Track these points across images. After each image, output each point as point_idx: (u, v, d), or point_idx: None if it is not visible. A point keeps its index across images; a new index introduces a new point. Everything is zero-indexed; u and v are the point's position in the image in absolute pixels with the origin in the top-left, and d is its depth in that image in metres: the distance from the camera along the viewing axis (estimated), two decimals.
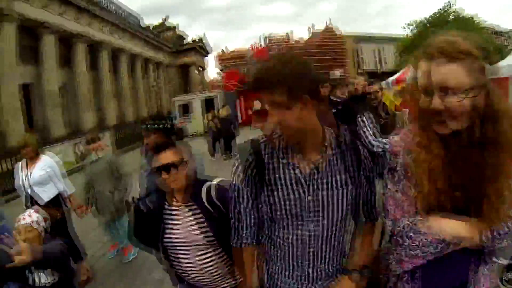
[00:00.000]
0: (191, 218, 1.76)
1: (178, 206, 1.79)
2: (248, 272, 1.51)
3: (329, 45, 40.49)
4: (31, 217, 2.23)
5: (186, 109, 22.05)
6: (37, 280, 2.08)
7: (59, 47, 18.13)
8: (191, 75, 40.34)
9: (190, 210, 1.77)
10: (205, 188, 1.77)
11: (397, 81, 11.24)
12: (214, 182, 1.81)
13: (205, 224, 1.74)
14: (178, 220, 1.77)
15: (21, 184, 3.95)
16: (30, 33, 16.63)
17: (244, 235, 1.43)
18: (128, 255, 4.75)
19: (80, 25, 20.20)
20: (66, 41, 19.42)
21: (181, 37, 38.90)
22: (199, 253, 1.76)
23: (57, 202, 4.03)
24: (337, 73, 30.91)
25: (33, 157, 3.98)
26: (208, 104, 20.18)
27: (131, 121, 24.22)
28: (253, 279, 1.51)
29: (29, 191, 3.91)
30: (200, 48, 39.80)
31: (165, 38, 35.48)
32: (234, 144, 11.52)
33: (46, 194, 3.93)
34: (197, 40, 39.64)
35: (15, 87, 14.57)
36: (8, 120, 14.12)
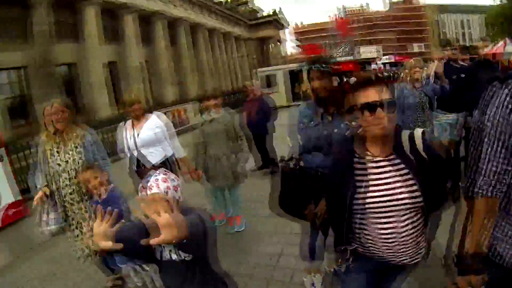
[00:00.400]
0: (394, 173, 1.46)
1: (376, 159, 1.50)
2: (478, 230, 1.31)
3: (408, 17, 37.88)
4: (163, 184, 1.60)
5: (269, 81, 21.22)
6: (165, 255, 1.64)
7: (139, 26, 18.96)
8: (270, 49, 39.71)
9: (392, 164, 1.49)
10: (407, 137, 1.51)
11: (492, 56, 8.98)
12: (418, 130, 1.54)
13: (411, 181, 1.44)
14: (376, 176, 1.49)
15: (125, 145, 3.64)
16: (111, 14, 17.60)
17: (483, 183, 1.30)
18: (234, 226, 4.37)
19: (159, 4, 20.83)
20: (146, 19, 20.18)
21: (255, 11, 38.58)
22: (404, 217, 1.47)
23: (165, 166, 3.55)
24: (416, 46, 28.66)
25: (140, 116, 3.64)
26: (293, 77, 19.43)
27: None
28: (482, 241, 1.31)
29: (135, 153, 3.59)
30: (276, 21, 39.04)
31: (239, 12, 35.15)
32: None
33: (154, 157, 3.56)
34: (272, 14, 38.93)
35: (100, 65, 15.73)
36: (95, 96, 15.48)
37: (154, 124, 3.62)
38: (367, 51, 34.59)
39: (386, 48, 46.95)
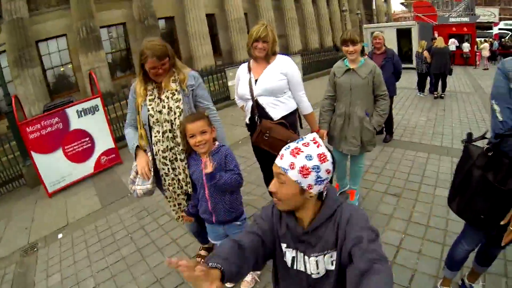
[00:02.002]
0: None
1: None
2: None
3: None
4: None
5: None
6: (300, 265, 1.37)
7: None
8: (377, 4, 36.03)
9: None
10: None
11: None
12: None
13: None
14: None
15: (242, 91, 2.95)
16: None
17: None
18: (351, 203, 3.60)
19: None
20: None
21: None
22: None
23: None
24: None
25: (263, 57, 2.85)
26: (402, 35, 17.08)
27: (316, 48, 23.18)
28: None
29: (249, 103, 2.93)
30: None
31: None
32: (447, 83, 9.55)
33: (275, 109, 2.87)
34: None
35: (200, 17, 16.03)
36: (197, 45, 15.98)
37: (279, 69, 2.82)
38: (483, 13, 29.82)
39: (503, 12, 39.65)
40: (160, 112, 2.35)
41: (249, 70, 2.91)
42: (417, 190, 3.88)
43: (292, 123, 2.91)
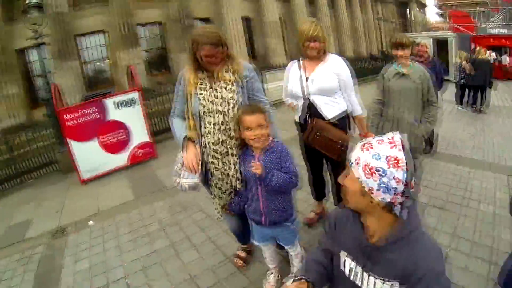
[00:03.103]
0: None
1: None
2: None
3: None
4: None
5: None
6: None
7: None
8: (412, 13, 35.21)
9: None
10: None
11: None
12: None
13: None
14: None
15: (293, 89, 2.86)
16: None
17: None
18: None
19: None
20: None
21: None
22: None
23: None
24: None
25: (316, 56, 2.76)
26: (440, 46, 16.47)
27: (350, 56, 22.75)
28: None
29: (301, 102, 2.84)
30: None
31: None
32: (488, 96, 9.13)
33: (329, 109, 2.78)
34: None
35: (237, 20, 16.17)
36: (232, 48, 15.58)
37: (332, 69, 2.75)
38: None
39: None
40: (212, 102, 2.20)
41: (301, 68, 2.83)
42: (460, 203, 3.67)
43: (344, 123, 2.85)
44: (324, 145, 2.68)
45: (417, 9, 36.76)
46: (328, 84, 2.71)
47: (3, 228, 4.75)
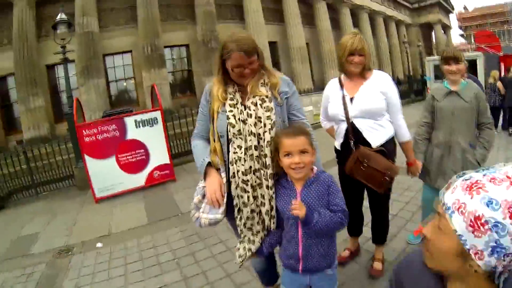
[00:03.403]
0: None
1: None
2: None
3: None
4: None
5: (438, 71, 17.79)
6: None
7: (300, 7, 18.65)
8: (436, 35, 34.79)
9: None
10: None
11: None
12: None
13: None
14: None
15: (337, 112, 2.48)
16: None
17: None
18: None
19: None
20: (307, 1, 19.88)
21: None
22: None
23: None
24: None
25: (359, 73, 2.42)
26: (470, 66, 16.06)
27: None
28: None
29: (343, 125, 2.48)
30: (440, 4, 33.08)
31: None
32: None
33: (374, 134, 2.41)
34: None
35: (265, 42, 16.27)
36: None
37: (378, 88, 2.38)
38: None
39: None
40: (244, 121, 1.79)
41: (342, 87, 2.47)
42: None
43: (391, 151, 2.44)
44: (370, 177, 2.31)
45: (442, 31, 36.32)
46: (375, 105, 2.34)
47: (11, 238, 4.62)
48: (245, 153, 1.78)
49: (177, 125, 7.94)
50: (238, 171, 1.79)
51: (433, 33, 35.58)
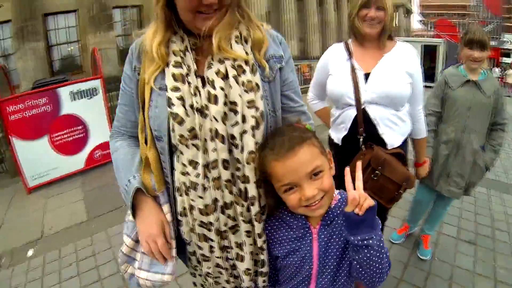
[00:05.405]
0: None
1: None
2: None
3: None
4: None
5: None
6: None
7: None
8: (399, 18, 35.12)
9: None
10: None
11: None
12: None
13: None
14: None
15: (345, 91, 1.76)
16: None
17: None
18: (421, 249, 2.84)
19: None
20: None
21: None
22: None
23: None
24: None
25: (380, 41, 1.79)
26: (428, 52, 16.33)
27: None
28: None
29: (353, 112, 1.78)
30: None
31: None
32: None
33: (393, 131, 1.76)
34: None
35: None
36: None
37: (404, 66, 1.71)
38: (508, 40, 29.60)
39: None
40: (201, 112, 0.94)
41: (351, 55, 1.76)
42: (491, 236, 3.15)
43: (405, 152, 1.84)
44: (382, 189, 1.69)
45: (403, 15, 36.63)
46: (400, 90, 1.69)
47: None
48: (204, 175, 0.97)
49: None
50: (191, 207, 1.01)
51: (396, 15, 36.03)
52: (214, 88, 0.94)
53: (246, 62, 0.97)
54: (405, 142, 1.84)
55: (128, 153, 1.12)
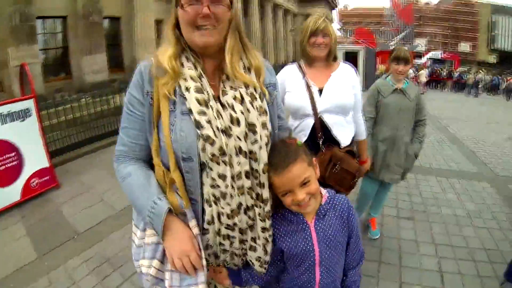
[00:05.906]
0: None
1: None
2: None
3: (459, 12, 39.49)
4: None
5: None
6: None
7: None
8: None
9: None
10: None
11: None
12: None
13: None
14: None
15: (303, 105, 2.16)
16: None
17: None
18: (374, 232, 3.48)
19: None
20: None
21: None
22: None
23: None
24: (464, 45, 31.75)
25: (327, 61, 2.23)
26: (349, 58, 17.53)
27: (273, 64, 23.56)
28: None
29: (311, 120, 2.18)
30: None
31: None
32: None
33: (343, 132, 2.23)
34: None
35: (151, 21, 14.89)
36: (142, 52, 14.25)
37: (349, 81, 2.20)
38: (419, 43, 34.50)
39: (430, 43, 48.17)
40: (225, 132, 1.10)
41: (305, 75, 2.18)
42: (425, 210, 4.05)
43: (355, 151, 2.43)
44: (341, 180, 2.14)
45: None
46: (348, 100, 2.16)
47: None
48: (232, 184, 1.13)
49: (53, 114, 6.51)
50: (221, 213, 1.16)
51: None
52: (235, 111, 1.12)
53: (255, 89, 1.17)
54: (352, 141, 2.30)
55: (143, 176, 1.19)
